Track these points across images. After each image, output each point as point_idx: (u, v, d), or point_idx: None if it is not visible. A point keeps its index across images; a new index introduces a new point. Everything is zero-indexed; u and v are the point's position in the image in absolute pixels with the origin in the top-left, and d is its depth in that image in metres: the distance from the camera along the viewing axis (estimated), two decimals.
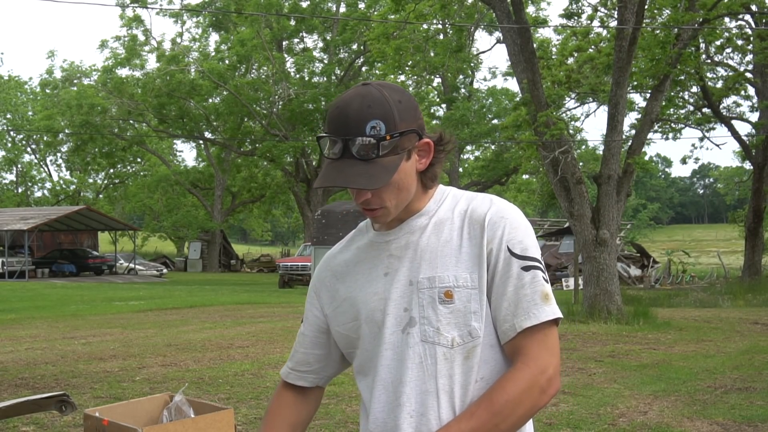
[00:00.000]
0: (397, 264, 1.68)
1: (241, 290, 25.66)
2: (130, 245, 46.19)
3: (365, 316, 1.70)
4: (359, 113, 1.57)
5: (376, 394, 1.68)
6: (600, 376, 8.13)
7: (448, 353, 1.61)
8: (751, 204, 27.80)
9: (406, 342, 1.64)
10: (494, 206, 1.65)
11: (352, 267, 1.76)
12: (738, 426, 5.98)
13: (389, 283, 1.67)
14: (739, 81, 25.83)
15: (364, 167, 1.57)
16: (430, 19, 21.16)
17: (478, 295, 1.61)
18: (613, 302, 13.52)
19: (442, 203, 1.70)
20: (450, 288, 1.61)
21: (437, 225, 1.67)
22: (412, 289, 1.65)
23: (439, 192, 1.72)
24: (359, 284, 1.73)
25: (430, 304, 1.62)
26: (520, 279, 1.61)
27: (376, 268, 1.71)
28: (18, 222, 35.84)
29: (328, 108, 1.63)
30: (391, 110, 1.58)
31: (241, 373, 8.23)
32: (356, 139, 1.56)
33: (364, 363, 1.73)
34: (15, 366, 8.87)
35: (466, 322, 1.61)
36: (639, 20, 13.62)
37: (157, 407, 2.00)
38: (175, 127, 43.18)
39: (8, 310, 17.38)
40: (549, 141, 13.78)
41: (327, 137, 1.61)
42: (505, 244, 1.61)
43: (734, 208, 45.72)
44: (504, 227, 1.62)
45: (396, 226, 1.70)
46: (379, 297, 1.68)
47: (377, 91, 1.59)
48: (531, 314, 1.59)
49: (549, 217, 52.75)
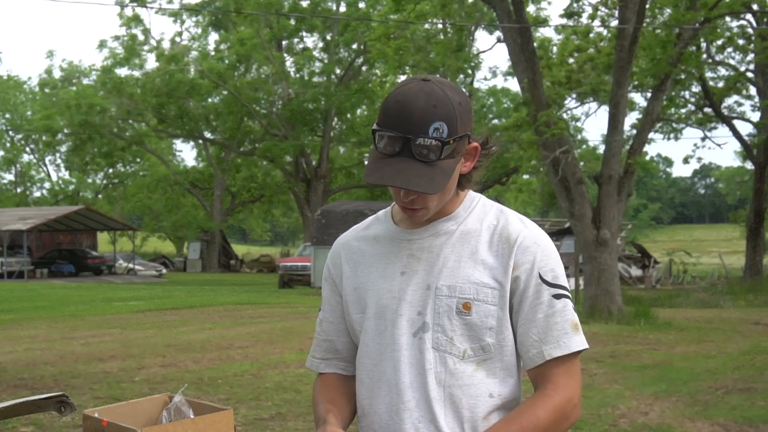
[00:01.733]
0: (416, 265, 1.65)
1: (240, 290, 25.65)
2: (129, 245, 46.18)
3: (374, 312, 1.67)
4: (424, 112, 1.52)
5: (381, 395, 1.65)
6: (601, 376, 8.11)
7: (458, 363, 1.60)
8: (752, 204, 27.82)
9: (417, 346, 1.62)
10: (526, 230, 1.63)
11: (368, 257, 1.72)
12: (739, 427, 5.97)
13: (405, 282, 1.64)
14: (740, 80, 25.84)
15: (423, 169, 1.53)
16: (431, 18, 21.16)
17: (497, 311, 1.60)
18: (613, 302, 13.51)
19: (472, 211, 1.68)
20: (469, 300, 1.60)
21: (464, 234, 1.64)
22: (429, 293, 1.62)
23: (468, 198, 1.69)
24: (372, 278, 1.70)
25: (447, 313, 1.60)
26: (551, 307, 1.60)
27: (393, 264, 1.67)
28: (17, 222, 35.82)
29: (386, 99, 1.57)
30: (454, 112, 1.54)
31: (241, 373, 8.21)
32: (418, 139, 1.52)
33: (362, 359, 1.70)
34: (14, 366, 8.85)
35: (481, 337, 1.60)
36: (640, 20, 13.61)
37: (156, 408, 1.98)
38: (175, 126, 43.18)
39: (7, 310, 17.36)
40: (549, 141, 13.77)
41: (385, 132, 1.55)
42: (537, 270, 1.60)
43: (735, 208, 45.77)
44: (536, 254, 1.61)
45: (421, 226, 1.67)
46: (392, 295, 1.65)
47: (440, 91, 1.54)
48: (562, 343, 1.60)
49: (549, 217, 52.74)
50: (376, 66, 38.18)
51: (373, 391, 1.66)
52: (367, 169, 1.59)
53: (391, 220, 1.73)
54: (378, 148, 1.57)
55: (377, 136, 1.57)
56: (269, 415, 6.30)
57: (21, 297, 22.13)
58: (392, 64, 22.23)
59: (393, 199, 1.67)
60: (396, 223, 1.71)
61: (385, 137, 1.55)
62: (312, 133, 43.76)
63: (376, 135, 1.57)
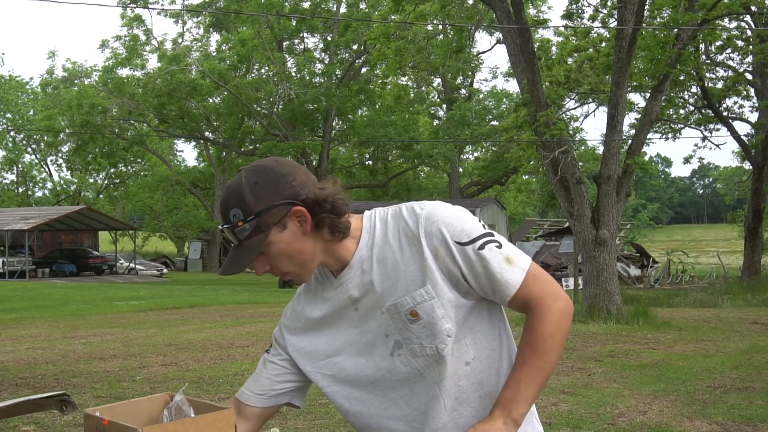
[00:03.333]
0: (360, 299, 1.81)
1: (241, 290, 25.67)
2: (130, 245, 46.20)
3: (352, 350, 1.84)
4: (224, 205, 1.76)
5: (392, 411, 1.84)
6: (599, 375, 8.14)
7: (439, 359, 1.76)
8: (750, 204, 27.80)
9: (400, 362, 1.79)
10: (420, 217, 1.75)
11: (322, 305, 1.87)
12: (737, 426, 5.99)
13: (362, 316, 1.81)
14: (739, 81, 25.82)
15: (235, 252, 1.76)
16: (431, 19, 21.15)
17: (439, 301, 1.73)
18: (612, 302, 13.53)
19: (375, 232, 1.80)
20: (412, 308, 1.74)
21: (380, 256, 1.78)
22: (384, 317, 1.78)
23: (366, 222, 1.82)
24: (334, 321, 1.86)
25: (404, 327, 1.76)
26: (481, 259, 1.72)
27: (344, 305, 1.83)
28: (18, 222, 35.85)
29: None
30: (243, 196, 1.72)
31: (241, 372, 8.24)
32: (223, 231, 1.76)
33: (361, 391, 1.86)
34: (15, 365, 8.89)
35: (440, 329, 1.74)
36: (639, 20, 13.62)
37: (157, 407, 2.01)
38: (176, 127, 43.18)
39: (9, 309, 17.39)
40: (549, 141, 13.79)
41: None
42: (451, 241, 1.72)
43: (734, 208, 45.70)
44: (440, 230, 1.72)
45: (345, 268, 1.81)
46: (358, 330, 1.82)
47: (237, 180, 1.75)
48: (508, 281, 1.73)
49: (549, 217, 52.73)
50: (377, 67, 38.18)
51: (388, 410, 1.85)
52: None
53: (328, 271, 1.86)
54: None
55: None
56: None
57: (23, 296, 22.16)
58: (393, 65, 22.21)
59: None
60: (333, 273, 1.85)
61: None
62: (312, 134, 43.76)
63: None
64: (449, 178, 45.52)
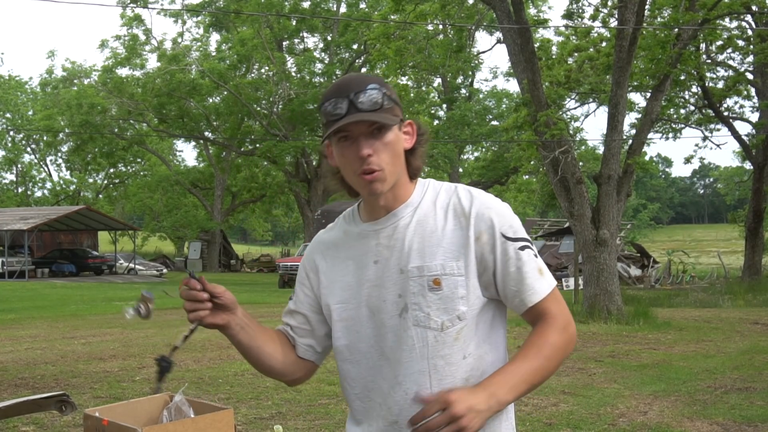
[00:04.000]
0: (386, 253, 1.81)
1: (241, 290, 25.65)
2: (130, 245, 46.19)
3: (359, 301, 1.82)
4: (358, 79, 1.75)
5: (383, 372, 1.81)
6: (600, 376, 8.13)
7: (438, 336, 1.76)
8: (751, 204, 27.80)
9: (402, 326, 1.77)
10: (476, 200, 1.80)
11: (342, 251, 1.88)
12: (738, 426, 5.98)
13: (381, 270, 1.81)
14: (739, 81, 25.82)
15: (371, 114, 1.72)
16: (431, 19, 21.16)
17: (465, 281, 1.76)
18: (613, 302, 13.52)
19: (425, 195, 1.84)
20: (438, 276, 1.75)
21: (422, 218, 1.80)
22: (403, 277, 1.77)
23: (420, 184, 1.86)
24: (350, 269, 1.85)
25: (420, 292, 1.76)
26: (519, 259, 1.77)
27: (366, 255, 1.83)
28: (18, 222, 35.84)
29: (324, 92, 1.80)
30: (383, 82, 1.77)
31: (241, 373, 8.23)
32: (360, 93, 1.72)
33: (356, 344, 1.84)
34: (15, 366, 8.88)
35: (455, 307, 1.75)
36: (639, 20, 13.62)
37: (156, 407, 2.00)
38: (175, 126, 43.18)
39: (8, 310, 17.38)
40: (549, 141, 13.78)
41: (331, 99, 1.74)
42: (498, 231, 1.76)
43: (734, 208, 45.71)
44: (492, 217, 1.77)
45: (383, 216, 1.83)
46: (372, 284, 1.81)
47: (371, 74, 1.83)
48: (536, 289, 1.78)
49: (549, 217, 52.71)
50: (377, 67, 38.19)
51: (375, 370, 1.82)
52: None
53: (358, 217, 1.90)
54: (327, 119, 1.75)
55: (323, 108, 1.76)
56: (269, 415, 6.32)
57: (22, 297, 22.15)
58: (393, 65, 22.21)
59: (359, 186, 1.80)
60: (363, 220, 1.87)
61: (329, 104, 1.74)
62: (312, 134, 43.73)
63: (323, 107, 1.76)
64: (449, 177, 45.47)
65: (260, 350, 1.88)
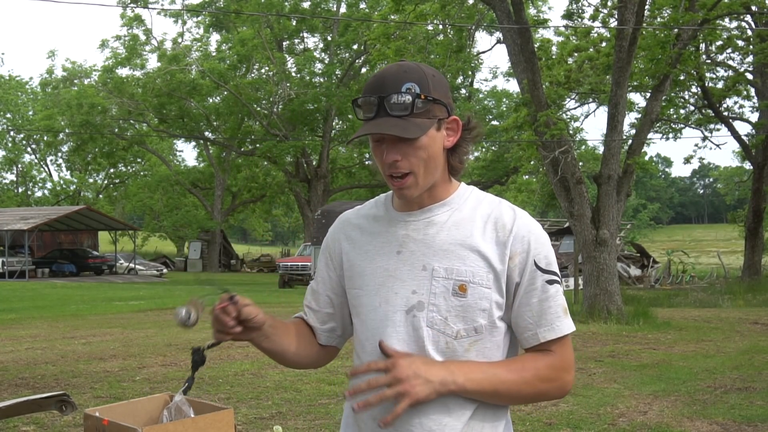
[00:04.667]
0: (412, 245, 1.73)
1: (241, 290, 25.42)
2: (130, 245, 46.19)
3: (371, 288, 1.75)
4: (395, 76, 1.66)
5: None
6: (600, 376, 8.13)
7: (450, 343, 1.67)
8: (751, 204, 27.80)
9: (411, 324, 1.69)
10: (519, 219, 1.72)
11: (366, 235, 1.81)
12: (738, 426, 5.99)
13: (401, 262, 1.73)
14: (739, 81, 25.82)
15: (397, 121, 1.64)
16: (431, 19, 21.17)
17: (491, 294, 1.68)
18: (613, 302, 13.52)
19: (466, 200, 1.76)
20: (465, 282, 1.67)
21: (459, 220, 1.73)
22: (425, 274, 1.69)
23: (463, 188, 1.79)
24: (370, 255, 1.78)
25: (443, 294, 1.68)
26: (545, 292, 1.69)
27: (389, 243, 1.76)
28: (18, 222, 35.84)
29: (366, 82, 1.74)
30: (425, 77, 1.67)
31: (241, 373, 8.23)
32: (391, 96, 1.64)
33: (363, 335, 1.77)
34: (15, 366, 8.88)
35: (474, 318, 1.67)
36: (639, 20, 13.62)
37: (157, 407, 2.01)
38: (176, 126, 43.19)
39: (8, 310, 17.39)
40: (549, 141, 13.78)
41: (362, 98, 1.69)
42: (532, 258, 1.69)
43: (734, 208, 45.70)
44: (530, 241, 1.69)
45: (417, 209, 1.76)
46: (388, 274, 1.73)
47: (414, 64, 1.71)
48: (555, 326, 1.70)
49: (549, 217, 52.70)
50: (377, 67, 38.19)
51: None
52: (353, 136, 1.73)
53: (390, 203, 1.82)
54: (359, 117, 1.70)
55: (356, 106, 1.70)
56: (269, 414, 6.32)
57: (22, 297, 22.15)
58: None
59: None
60: (395, 208, 1.80)
61: (362, 104, 1.68)
62: (312, 134, 43.74)
63: (355, 104, 1.70)
64: None
65: (284, 353, 1.86)
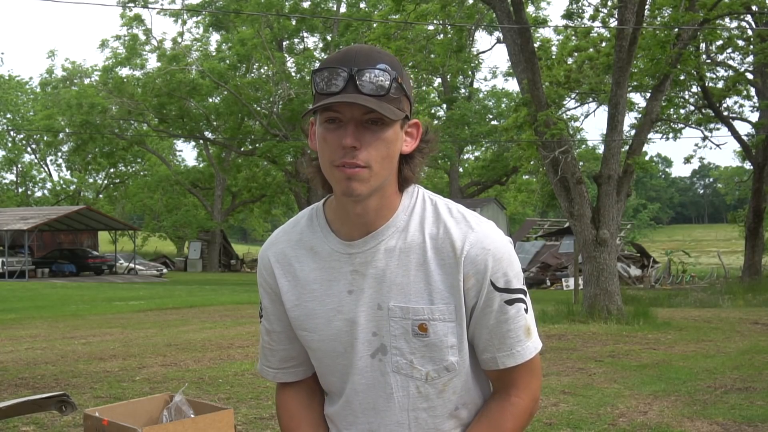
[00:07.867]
0: (361, 282, 1.52)
1: (241, 290, 25.65)
2: (130, 245, 46.20)
3: (329, 335, 1.55)
4: (368, 53, 1.44)
5: (350, 420, 1.60)
6: (600, 376, 8.13)
7: (422, 387, 1.53)
8: (751, 204, 27.80)
9: (377, 369, 1.54)
10: (471, 233, 1.50)
11: (307, 272, 1.57)
12: (738, 426, 5.98)
13: (354, 302, 1.52)
14: (739, 81, 25.82)
15: (372, 100, 1.40)
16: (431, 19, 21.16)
17: (456, 328, 1.51)
18: (613, 302, 13.52)
19: (412, 215, 1.53)
20: (425, 321, 1.49)
21: (407, 247, 1.51)
22: (381, 314, 1.51)
23: (407, 196, 1.55)
24: (317, 296, 1.56)
25: (403, 335, 1.50)
26: (503, 313, 1.52)
27: (337, 281, 1.54)
28: (18, 222, 35.85)
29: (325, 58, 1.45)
30: (398, 65, 1.46)
31: (241, 373, 8.23)
32: (365, 71, 1.40)
33: (325, 380, 1.64)
34: (15, 366, 8.87)
35: (443, 357, 1.51)
36: (639, 20, 13.62)
37: (157, 407, 2.01)
38: (176, 126, 43.21)
39: (8, 310, 17.39)
40: (549, 141, 13.78)
41: (328, 69, 1.43)
42: (488, 279, 1.49)
43: (734, 208, 45.73)
44: (486, 261, 1.49)
45: (359, 239, 1.52)
46: (344, 317, 1.54)
47: (386, 52, 1.49)
48: (515, 352, 1.53)
49: (549, 217, 52.72)
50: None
51: (345, 418, 1.62)
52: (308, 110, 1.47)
53: (327, 226, 1.57)
54: (317, 90, 1.45)
55: (317, 77, 1.45)
56: (269, 414, 6.32)
57: (22, 297, 22.15)
58: None
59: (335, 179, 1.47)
60: (334, 232, 1.55)
61: (326, 74, 1.43)
62: None
63: (316, 75, 1.45)
64: (449, 177, 45.48)
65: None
